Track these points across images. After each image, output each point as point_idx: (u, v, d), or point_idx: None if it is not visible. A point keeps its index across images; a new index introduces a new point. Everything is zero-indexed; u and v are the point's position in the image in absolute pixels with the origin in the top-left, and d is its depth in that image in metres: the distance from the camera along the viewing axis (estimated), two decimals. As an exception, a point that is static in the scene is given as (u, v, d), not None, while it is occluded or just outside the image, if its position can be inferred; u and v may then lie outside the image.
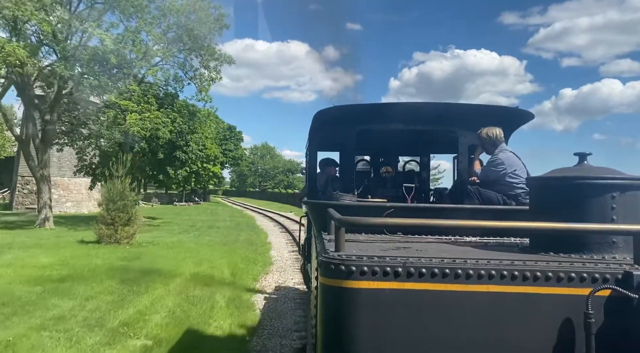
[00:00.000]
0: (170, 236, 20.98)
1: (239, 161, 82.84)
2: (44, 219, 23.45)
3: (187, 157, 30.05)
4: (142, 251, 14.50)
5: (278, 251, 18.16)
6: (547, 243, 2.71)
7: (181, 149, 29.50)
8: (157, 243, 17.18)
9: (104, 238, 15.49)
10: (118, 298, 8.83)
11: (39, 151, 23.93)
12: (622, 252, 2.55)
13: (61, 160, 37.05)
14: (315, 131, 5.36)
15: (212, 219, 34.24)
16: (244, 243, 20.03)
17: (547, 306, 2.21)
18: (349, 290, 2.22)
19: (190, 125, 27.85)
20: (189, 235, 22.61)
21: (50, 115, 23.78)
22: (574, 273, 2.22)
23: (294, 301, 9.87)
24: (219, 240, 20.76)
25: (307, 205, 5.45)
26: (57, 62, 20.75)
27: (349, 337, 2.22)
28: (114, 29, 22.51)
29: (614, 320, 2.18)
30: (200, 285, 10.32)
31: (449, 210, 4.17)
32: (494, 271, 2.21)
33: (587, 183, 2.62)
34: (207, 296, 9.39)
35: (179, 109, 26.17)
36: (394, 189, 5.71)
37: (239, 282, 11.30)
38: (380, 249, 2.74)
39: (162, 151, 28.81)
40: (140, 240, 17.20)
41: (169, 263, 12.51)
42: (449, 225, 3.02)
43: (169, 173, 29.47)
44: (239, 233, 24.73)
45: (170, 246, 16.63)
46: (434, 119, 5.11)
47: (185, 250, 15.60)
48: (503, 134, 4.76)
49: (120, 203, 15.51)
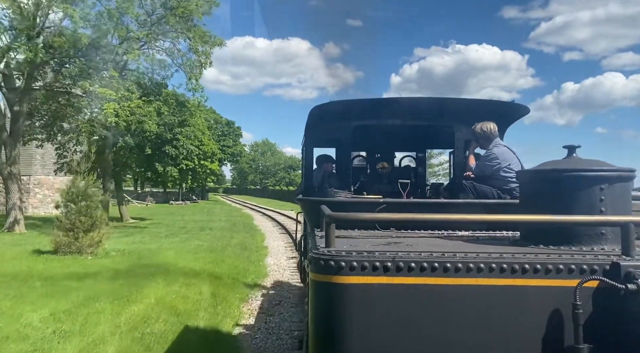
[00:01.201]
0: (151, 242, 18.31)
1: (238, 157, 79.77)
2: (13, 223, 20.82)
3: (178, 152, 27.28)
4: (104, 265, 11.77)
5: (275, 258, 15.52)
6: (537, 236, 2.72)
7: (171, 144, 26.76)
8: (129, 252, 14.47)
9: (62, 247, 12.79)
10: (30, 347, 6.13)
11: (7, 146, 21.29)
12: (610, 243, 2.55)
13: (45, 158, 34.39)
14: (311, 127, 5.21)
15: (206, 220, 31.59)
16: (236, 248, 17.37)
17: (536, 298, 2.22)
18: (338, 286, 2.22)
19: (179, 117, 25.18)
20: (175, 238, 19.96)
21: (20, 106, 21.12)
22: (562, 264, 2.24)
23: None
24: (209, 244, 18.11)
25: (301, 202, 5.28)
26: (18, 42, 18.03)
27: (339, 332, 2.23)
28: (91, 8, 19.86)
29: (602, 310, 2.19)
30: (164, 316, 7.60)
31: (441, 205, 4.16)
32: (483, 265, 2.22)
33: (575, 176, 2.62)
34: (163, 339, 6.68)
35: (165, 98, 23.49)
36: (390, 185, 5.53)
37: (219, 311, 8.55)
38: (371, 244, 2.74)
39: (149, 146, 26.10)
40: (111, 247, 14.55)
41: (129, 282, 9.76)
42: (438, 219, 3.09)
43: (157, 170, 26.77)
44: (232, 235, 22.08)
45: (143, 256, 13.89)
46: (430, 115, 5.10)
47: (161, 262, 12.86)
48: (497, 129, 4.74)
49: (82, 205, 12.80)
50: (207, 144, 58.88)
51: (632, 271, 2.18)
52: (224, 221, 30.48)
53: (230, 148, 70.42)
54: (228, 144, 69.75)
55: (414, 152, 6.93)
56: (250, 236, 22.62)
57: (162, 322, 7.34)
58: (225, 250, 17.05)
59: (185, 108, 25.24)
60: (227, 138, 70.72)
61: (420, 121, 5.23)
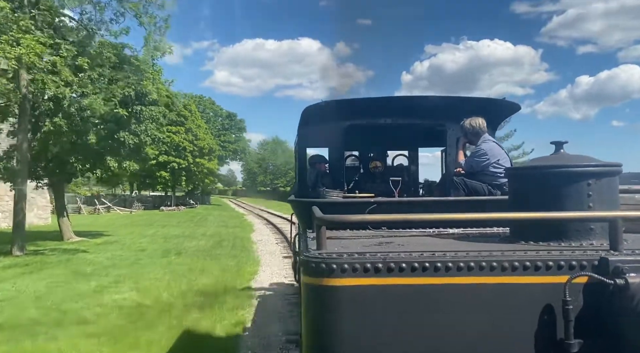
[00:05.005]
0: (51, 287, 9.93)
1: (242, 154, 70.84)
2: None
3: (140, 141, 18.90)
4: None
5: (273, 326, 7.07)
6: (526, 232, 2.73)
7: (128, 130, 18.43)
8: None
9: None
10: None
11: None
12: (599, 238, 2.57)
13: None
14: (303, 127, 5.23)
15: (186, 234, 23.23)
16: (198, 299, 9.00)
17: (526, 295, 2.22)
18: (330, 288, 2.21)
19: (134, 84, 16.92)
20: (103, 278, 11.61)
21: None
22: (551, 261, 2.25)
23: None
24: (153, 292, 9.77)
25: (292, 203, 5.28)
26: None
27: (332, 334, 2.22)
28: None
29: (592, 305, 2.21)
30: None
31: (432, 203, 4.20)
32: (473, 263, 2.23)
33: (562, 171, 2.63)
34: None
35: (99, 51, 15.24)
36: (384, 184, 5.46)
37: None
38: (362, 245, 2.75)
39: (94, 133, 17.90)
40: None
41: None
42: (427, 219, 3.05)
43: (109, 166, 18.59)
44: (208, 264, 13.69)
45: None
46: (421, 113, 5.15)
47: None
48: (486, 125, 4.76)
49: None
50: (203, 138, 50.62)
51: (620, 266, 2.18)
52: (208, 236, 22.06)
53: (232, 144, 61.73)
54: (229, 139, 61.09)
55: (406, 150, 6.76)
56: (235, 265, 14.24)
57: None
58: (172, 307, 8.65)
59: (142, 74, 16.92)
60: (229, 133, 62.07)
61: (412, 119, 5.27)
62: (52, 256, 15.50)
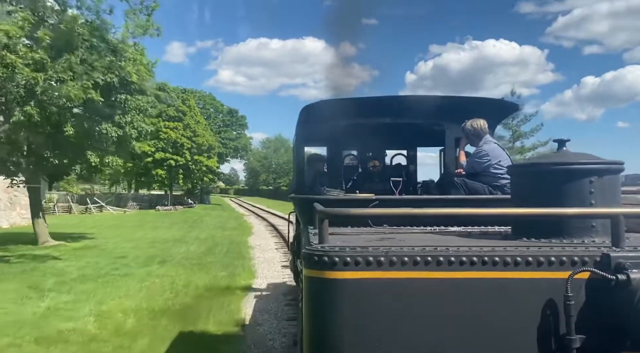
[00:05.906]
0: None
1: (244, 152, 68.45)
2: None
3: (124, 134, 16.81)
4: None
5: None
6: (528, 230, 2.71)
7: (111, 120, 16.35)
8: None
9: None
10: None
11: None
12: (601, 235, 2.55)
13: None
14: (301, 126, 5.06)
15: (177, 237, 21.14)
16: (172, 326, 6.91)
17: (528, 290, 2.21)
18: (332, 281, 2.20)
19: (117, 69, 14.86)
20: (62, 297, 9.52)
21: None
22: (553, 257, 2.24)
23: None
24: (107, 323, 7.67)
25: (294, 200, 5.19)
26: None
27: (333, 326, 2.21)
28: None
29: (593, 301, 2.20)
30: None
31: (433, 202, 4.17)
32: (475, 258, 2.22)
33: (565, 169, 2.62)
34: None
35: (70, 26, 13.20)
36: (382, 184, 5.56)
37: None
38: (364, 240, 2.74)
39: (71, 124, 15.85)
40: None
41: None
42: (430, 213, 2.94)
43: (89, 161, 16.54)
44: (194, 274, 11.58)
45: None
46: (420, 112, 5.06)
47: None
48: (487, 126, 4.74)
49: None
50: (202, 135, 48.51)
51: (622, 262, 2.18)
52: (201, 241, 19.95)
53: (233, 141, 59.51)
54: (230, 136, 58.88)
55: (405, 150, 6.73)
56: (228, 275, 12.19)
57: None
58: (133, 343, 6.54)
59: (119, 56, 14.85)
60: (230, 129, 59.86)
61: (410, 119, 5.21)
62: (15, 265, 13.43)
